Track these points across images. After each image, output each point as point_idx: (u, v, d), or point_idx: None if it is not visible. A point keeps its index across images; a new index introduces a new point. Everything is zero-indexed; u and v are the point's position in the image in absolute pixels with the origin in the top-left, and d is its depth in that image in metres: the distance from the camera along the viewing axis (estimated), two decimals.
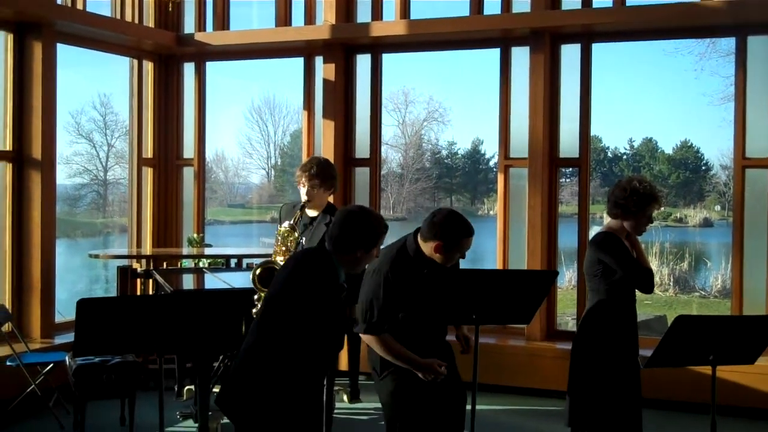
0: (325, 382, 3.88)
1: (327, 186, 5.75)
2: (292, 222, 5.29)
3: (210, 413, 5.79)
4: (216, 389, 6.70)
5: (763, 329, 4.19)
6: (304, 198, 5.65)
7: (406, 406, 4.24)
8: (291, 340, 3.51)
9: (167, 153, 8.92)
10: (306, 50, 8.43)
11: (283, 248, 5.25)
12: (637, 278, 4.55)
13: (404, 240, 4.29)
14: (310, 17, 8.40)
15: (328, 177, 5.73)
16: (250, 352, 3.61)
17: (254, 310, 5.10)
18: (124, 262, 7.88)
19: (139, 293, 7.65)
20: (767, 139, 6.99)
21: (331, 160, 8.08)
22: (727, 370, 5.70)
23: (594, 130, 8.62)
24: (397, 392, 4.24)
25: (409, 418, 4.24)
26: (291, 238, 5.25)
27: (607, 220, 4.75)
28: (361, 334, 4.21)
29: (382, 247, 3.99)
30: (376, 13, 8.18)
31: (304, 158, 8.47)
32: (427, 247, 4.20)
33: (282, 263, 5.03)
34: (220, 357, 6.40)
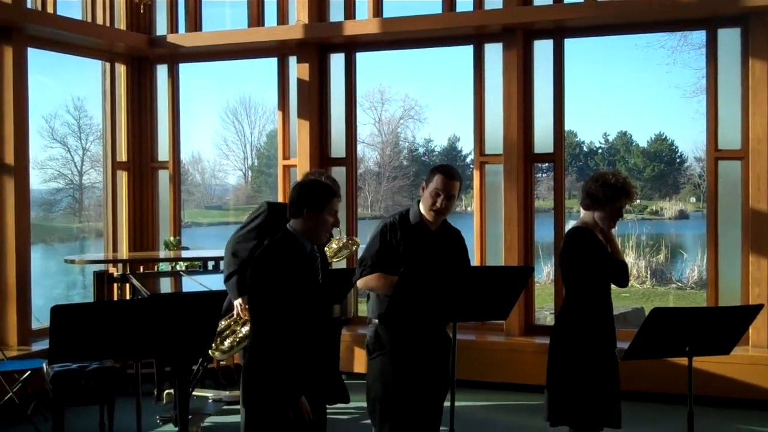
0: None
1: None
2: None
3: (190, 417, 5.77)
4: (196, 393, 6.69)
5: (738, 319, 4.23)
6: None
7: (390, 387, 4.34)
8: (281, 316, 3.73)
9: (142, 156, 8.86)
10: (279, 50, 8.41)
11: None
12: (612, 272, 4.58)
13: (408, 208, 4.55)
14: (282, 17, 8.38)
15: None
16: (253, 337, 3.85)
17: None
18: (101, 266, 7.84)
19: (116, 298, 7.60)
20: (739, 130, 7.06)
21: (307, 159, 8.12)
22: (703, 360, 5.75)
23: (569, 125, 8.68)
24: (384, 373, 4.35)
25: (391, 400, 4.33)
26: None
27: (582, 214, 4.77)
28: (358, 282, 4.41)
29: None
30: (349, 12, 8.17)
31: (281, 159, 8.47)
32: (422, 200, 4.46)
33: None
34: (199, 360, 6.38)
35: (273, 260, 3.81)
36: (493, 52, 7.73)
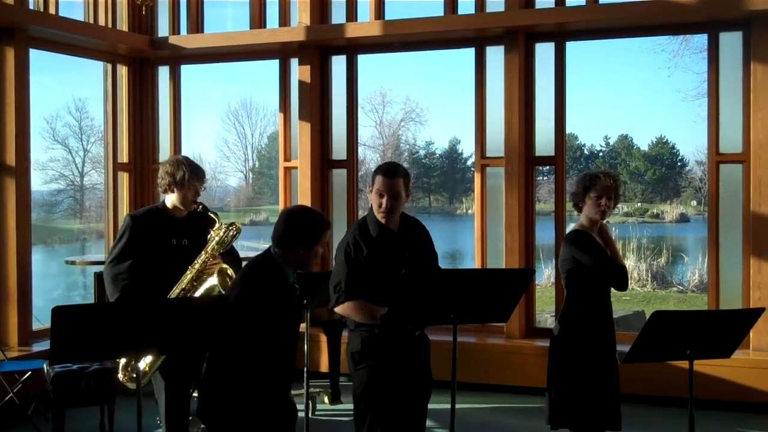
0: (291, 378, 4.05)
1: None
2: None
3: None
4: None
5: (739, 323, 4.23)
6: (191, 203, 5.18)
7: (378, 398, 4.32)
8: (250, 343, 3.71)
9: (143, 157, 8.87)
10: (281, 52, 8.42)
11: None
12: (611, 275, 4.58)
13: (365, 216, 4.45)
14: (284, 19, 8.38)
15: None
16: (216, 357, 3.80)
17: None
18: (102, 268, 7.84)
19: None
20: (740, 134, 7.06)
21: (308, 161, 8.13)
22: (704, 364, 5.75)
23: (570, 128, 8.71)
24: (370, 385, 4.33)
25: (380, 411, 4.32)
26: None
27: (580, 216, 4.81)
28: (336, 309, 4.33)
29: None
30: (351, 14, 8.18)
31: (282, 161, 8.47)
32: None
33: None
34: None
35: (255, 294, 3.76)
36: (495, 55, 7.74)
